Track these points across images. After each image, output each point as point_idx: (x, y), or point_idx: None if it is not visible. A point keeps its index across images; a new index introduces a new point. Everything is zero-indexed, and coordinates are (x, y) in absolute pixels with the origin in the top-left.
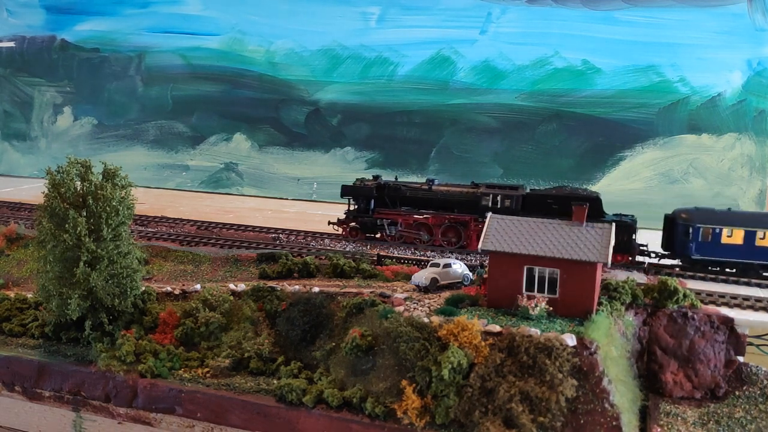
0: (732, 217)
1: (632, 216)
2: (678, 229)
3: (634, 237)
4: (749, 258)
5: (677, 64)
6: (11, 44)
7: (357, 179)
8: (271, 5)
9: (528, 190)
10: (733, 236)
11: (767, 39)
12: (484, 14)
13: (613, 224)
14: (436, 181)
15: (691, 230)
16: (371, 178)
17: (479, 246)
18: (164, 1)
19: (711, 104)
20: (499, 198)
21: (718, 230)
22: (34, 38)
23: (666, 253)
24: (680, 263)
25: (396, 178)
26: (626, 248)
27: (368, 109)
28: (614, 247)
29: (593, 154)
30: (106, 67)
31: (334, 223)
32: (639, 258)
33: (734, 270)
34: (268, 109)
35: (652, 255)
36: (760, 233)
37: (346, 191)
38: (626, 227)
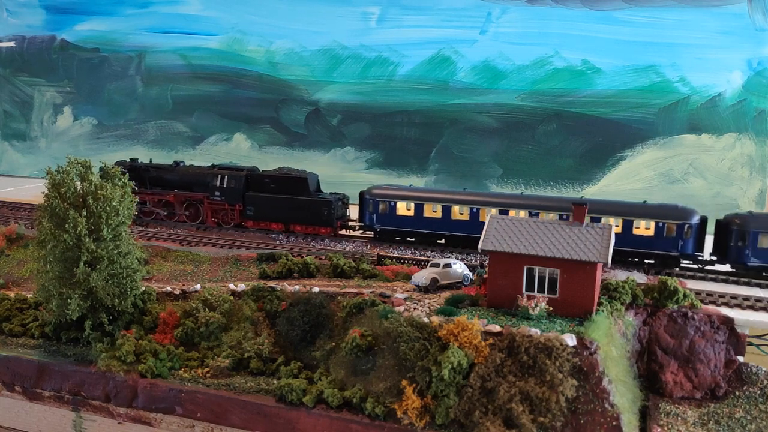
0: None
1: (343, 195)
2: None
3: (333, 211)
4: None
5: (677, 64)
6: (11, 44)
7: (115, 162)
8: (271, 5)
9: (258, 173)
10: None
11: (767, 39)
12: (484, 14)
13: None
14: (182, 164)
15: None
16: (128, 160)
17: (479, 246)
18: (164, 1)
19: (711, 104)
20: (226, 178)
21: None
22: (34, 38)
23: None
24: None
25: (150, 161)
26: (327, 222)
27: (368, 109)
28: (315, 220)
29: (593, 154)
30: (106, 67)
31: None
32: (343, 232)
33: None
34: (268, 109)
35: (356, 228)
36: None
37: None
38: (325, 204)
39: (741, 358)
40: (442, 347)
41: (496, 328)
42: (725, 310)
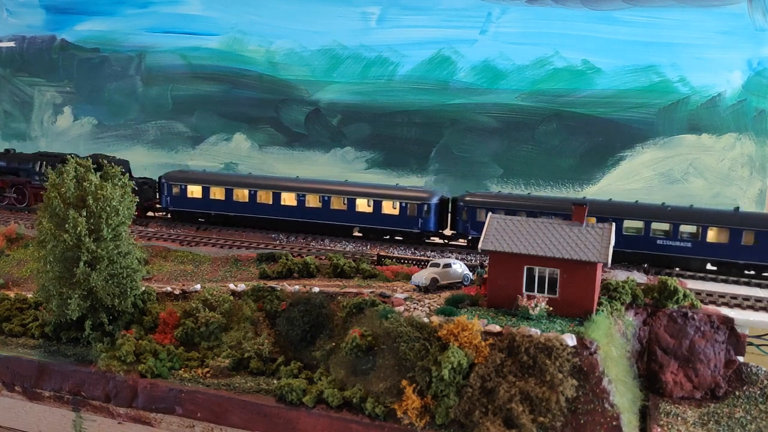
0: None
1: (151, 179)
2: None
3: (140, 194)
4: None
5: (677, 64)
6: (11, 44)
7: None
8: (271, 5)
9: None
10: None
11: (767, 39)
12: (484, 14)
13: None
14: (13, 151)
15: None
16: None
17: (479, 246)
18: (164, 1)
19: (711, 104)
20: (44, 164)
21: None
22: (34, 38)
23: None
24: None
25: None
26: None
27: (368, 109)
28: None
29: (593, 154)
30: (106, 67)
31: None
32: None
33: None
34: (268, 109)
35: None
36: None
37: None
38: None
39: (741, 358)
40: (442, 347)
41: (496, 328)
42: (725, 310)
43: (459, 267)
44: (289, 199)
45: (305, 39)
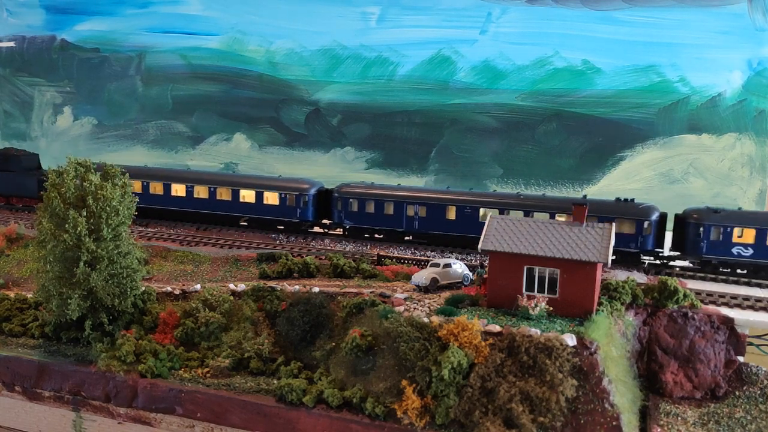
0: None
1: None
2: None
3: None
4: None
5: (677, 64)
6: (11, 44)
7: None
8: (271, 5)
9: None
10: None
11: (767, 39)
12: (484, 14)
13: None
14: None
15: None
16: None
17: (479, 246)
18: (164, 1)
19: (711, 104)
20: None
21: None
22: (34, 38)
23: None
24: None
25: None
26: (33, 194)
27: (368, 109)
28: (27, 192)
29: (593, 154)
30: (106, 67)
31: None
32: None
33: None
34: (268, 109)
35: None
36: None
37: None
38: (37, 179)
39: (741, 358)
40: (442, 347)
41: (496, 328)
42: (725, 310)
43: (459, 267)
44: (179, 190)
45: (305, 39)
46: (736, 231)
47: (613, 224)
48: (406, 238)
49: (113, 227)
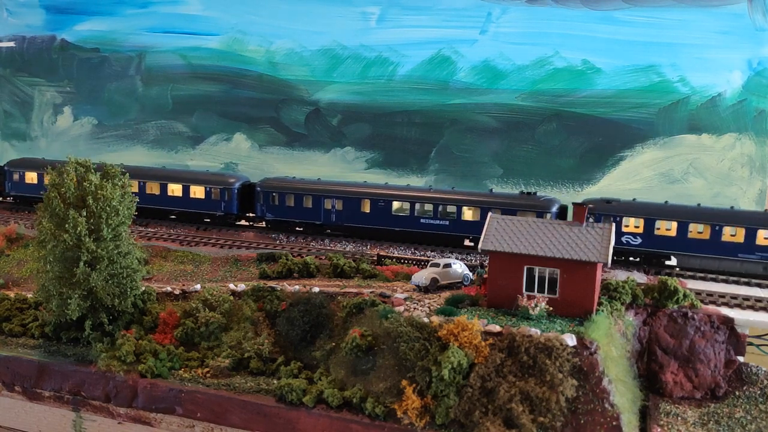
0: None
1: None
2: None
3: None
4: None
5: (677, 64)
6: (11, 44)
7: None
8: (271, 5)
9: None
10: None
11: (767, 39)
12: (484, 14)
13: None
14: None
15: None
16: None
17: (479, 246)
18: (164, 1)
19: (711, 104)
20: None
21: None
22: (34, 38)
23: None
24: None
25: None
26: None
27: (368, 109)
28: None
29: (593, 154)
30: (106, 67)
31: None
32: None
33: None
34: (268, 109)
35: None
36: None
37: None
38: None
39: (741, 358)
40: (442, 347)
41: (496, 328)
42: (725, 310)
43: (459, 267)
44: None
45: (305, 39)
46: (625, 220)
47: (613, 224)
48: (327, 231)
49: (113, 227)
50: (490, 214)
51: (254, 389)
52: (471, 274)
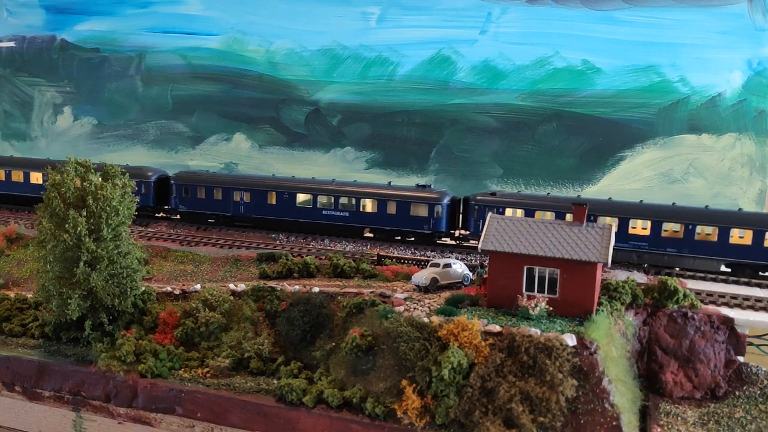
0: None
1: None
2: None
3: None
4: None
5: (677, 64)
6: (11, 44)
7: None
8: (271, 5)
9: None
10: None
11: (767, 39)
12: (484, 14)
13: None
14: None
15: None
16: None
17: (479, 246)
18: (164, 1)
19: (711, 104)
20: None
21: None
22: (34, 38)
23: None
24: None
25: None
26: None
27: (368, 109)
28: None
29: (593, 154)
30: (106, 67)
31: None
32: None
33: None
34: (268, 109)
35: None
36: None
37: None
38: None
39: (741, 358)
40: (442, 347)
41: (496, 328)
42: (725, 310)
43: (459, 267)
44: (34, 178)
45: (305, 39)
46: (508, 211)
47: (612, 224)
48: (236, 223)
49: (113, 227)
50: (490, 214)
51: (254, 389)
52: (471, 274)
